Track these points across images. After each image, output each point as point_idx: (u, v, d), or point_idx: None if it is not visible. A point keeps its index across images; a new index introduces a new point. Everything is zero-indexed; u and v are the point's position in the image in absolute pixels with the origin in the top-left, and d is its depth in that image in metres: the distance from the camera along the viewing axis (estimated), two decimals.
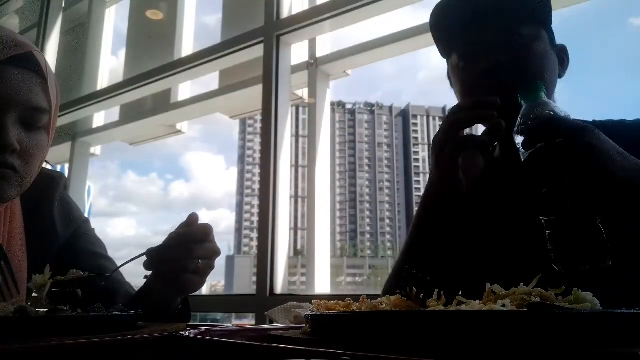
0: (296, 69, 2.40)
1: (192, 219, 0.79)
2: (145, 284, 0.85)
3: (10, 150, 0.74)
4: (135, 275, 0.88)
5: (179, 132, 3.39)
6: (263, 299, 2.02)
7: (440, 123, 0.76)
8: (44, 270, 0.70)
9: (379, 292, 0.95)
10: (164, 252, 0.77)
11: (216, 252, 0.80)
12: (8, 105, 0.74)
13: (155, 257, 0.78)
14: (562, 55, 0.88)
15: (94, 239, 1.00)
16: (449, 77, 0.93)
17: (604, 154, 0.55)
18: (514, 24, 0.80)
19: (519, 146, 0.59)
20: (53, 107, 0.81)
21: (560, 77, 0.87)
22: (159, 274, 0.80)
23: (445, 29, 0.88)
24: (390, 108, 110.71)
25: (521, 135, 0.58)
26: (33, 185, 0.84)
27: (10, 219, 0.87)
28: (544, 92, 0.60)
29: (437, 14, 0.87)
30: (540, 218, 0.55)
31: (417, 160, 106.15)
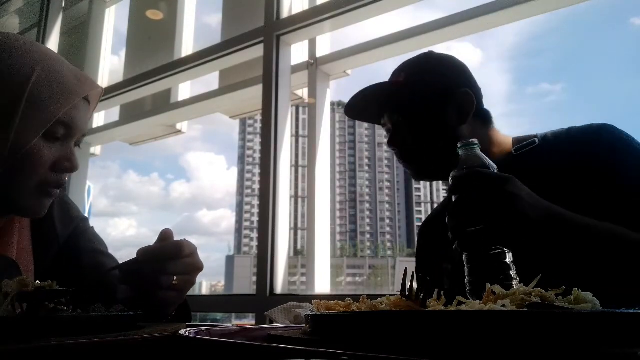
0: (296, 69, 2.40)
1: (165, 235, 0.78)
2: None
3: (72, 172, 0.83)
4: None
5: (179, 132, 3.39)
6: (263, 299, 2.03)
7: None
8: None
9: (379, 292, 0.97)
10: (135, 267, 0.76)
11: (196, 268, 0.79)
12: (76, 133, 0.83)
13: (127, 272, 0.77)
14: (463, 102, 0.96)
15: (93, 237, 1.00)
16: None
17: (522, 202, 0.63)
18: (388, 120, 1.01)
19: (449, 192, 0.70)
20: None
21: (462, 123, 0.96)
22: (132, 288, 0.79)
23: (363, 120, 1.12)
24: None
25: (451, 183, 0.68)
26: None
27: (21, 223, 0.89)
28: (475, 148, 0.69)
29: (348, 113, 1.08)
30: (463, 254, 0.64)
31: None
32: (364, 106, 1.05)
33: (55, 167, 0.81)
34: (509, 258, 0.62)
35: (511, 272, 0.61)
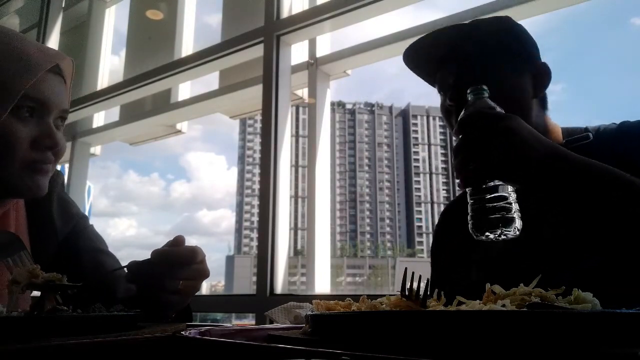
0: (296, 69, 2.40)
1: (178, 240, 0.79)
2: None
3: (55, 149, 0.81)
4: None
5: (179, 132, 3.39)
6: (263, 299, 2.02)
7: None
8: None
9: (379, 292, 0.96)
10: (145, 267, 0.77)
11: (203, 275, 0.80)
12: (51, 108, 0.80)
13: (137, 272, 0.78)
14: (541, 74, 0.92)
15: (92, 235, 0.99)
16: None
17: (520, 137, 0.63)
18: (475, 61, 0.89)
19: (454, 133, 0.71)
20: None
21: (535, 96, 0.91)
22: (139, 288, 0.80)
23: (419, 71, 1.01)
24: (390, 108, 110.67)
25: (456, 125, 0.68)
26: None
27: (17, 218, 0.87)
28: (485, 93, 0.69)
29: (409, 57, 0.98)
30: (467, 190, 0.66)
31: (417, 160, 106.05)
32: (430, 49, 0.94)
33: (36, 145, 0.79)
34: (511, 194, 0.63)
35: (512, 206, 0.62)
